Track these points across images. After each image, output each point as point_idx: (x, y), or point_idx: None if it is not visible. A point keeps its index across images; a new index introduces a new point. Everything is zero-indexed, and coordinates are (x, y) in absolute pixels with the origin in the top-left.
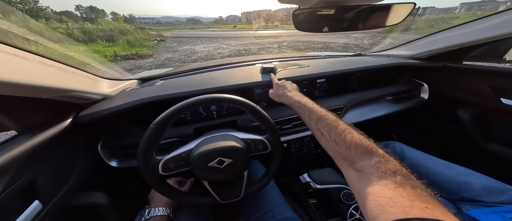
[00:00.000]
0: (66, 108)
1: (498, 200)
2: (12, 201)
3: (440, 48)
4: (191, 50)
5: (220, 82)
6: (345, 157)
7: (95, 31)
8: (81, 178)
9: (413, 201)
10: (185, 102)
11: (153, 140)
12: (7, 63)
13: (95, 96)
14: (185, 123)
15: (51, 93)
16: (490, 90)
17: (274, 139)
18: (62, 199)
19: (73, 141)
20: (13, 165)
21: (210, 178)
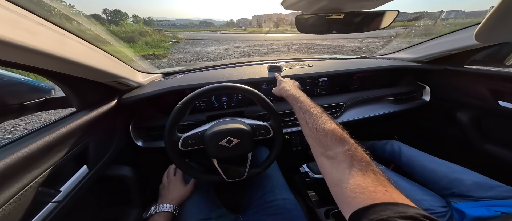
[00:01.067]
0: (112, 92)
1: (486, 195)
2: (69, 164)
3: (441, 51)
4: (203, 51)
5: (232, 76)
6: (321, 143)
7: (119, 33)
8: (115, 152)
9: (376, 186)
10: (204, 88)
11: (177, 117)
12: (86, 53)
13: (133, 84)
14: (199, 111)
15: (108, 78)
16: (489, 93)
17: (276, 125)
18: (101, 167)
19: (114, 120)
20: (73, 135)
21: (220, 156)
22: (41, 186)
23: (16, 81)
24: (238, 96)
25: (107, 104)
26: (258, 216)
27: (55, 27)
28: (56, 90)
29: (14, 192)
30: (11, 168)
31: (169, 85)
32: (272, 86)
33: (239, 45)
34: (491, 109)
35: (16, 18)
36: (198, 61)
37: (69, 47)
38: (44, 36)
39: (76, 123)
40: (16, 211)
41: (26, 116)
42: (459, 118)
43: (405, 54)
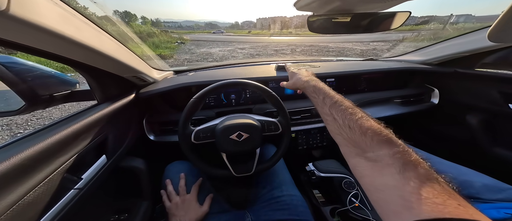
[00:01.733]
0: (130, 86)
1: (496, 197)
2: (90, 153)
3: (451, 54)
4: (207, 52)
5: (241, 75)
6: (357, 144)
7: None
8: (130, 144)
9: (445, 199)
10: (218, 83)
11: (192, 110)
12: (116, 49)
13: (150, 79)
14: (209, 108)
15: (130, 72)
16: (499, 96)
17: (285, 122)
18: (118, 158)
19: (131, 113)
20: (96, 125)
21: (229, 150)
22: (66, 172)
23: (48, 74)
24: (246, 94)
25: (126, 97)
26: (265, 211)
27: (94, 25)
28: (80, 83)
29: (43, 176)
30: (44, 152)
31: (182, 82)
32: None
33: (243, 47)
34: (501, 112)
35: (68, 16)
36: (203, 61)
37: (104, 43)
38: (88, 32)
39: (98, 114)
40: (44, 195)
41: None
42: (468, 121)
43: (413, 57)
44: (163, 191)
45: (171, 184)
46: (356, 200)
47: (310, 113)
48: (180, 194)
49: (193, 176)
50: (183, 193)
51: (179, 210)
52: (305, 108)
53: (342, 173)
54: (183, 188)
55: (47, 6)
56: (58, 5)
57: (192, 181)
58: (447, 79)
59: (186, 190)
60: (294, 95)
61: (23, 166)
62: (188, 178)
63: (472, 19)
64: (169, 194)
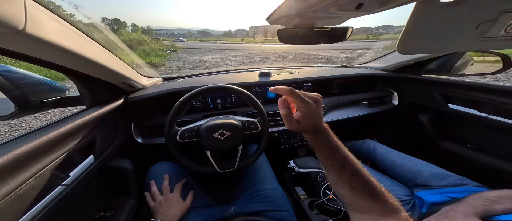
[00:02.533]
0: (119, 92)
1: (441, 184)
2: (78, 153)
3: (401, 61)
4: (200, 60)
5: (227, 81)
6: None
7: None
8: (118, 146)
9: None
10: (201, 88)
11: (177, 112)
12: (107, 58)
13: (138, 85)
14: (196, 111)
15: (119, 79)
16: (441, 97)
17: (263, 121)
18: (105, 158)
19: (119, 118)
20: (84, 127)
21: (213, 147)
22: (55, 169)
23: (38, 81)
24: (231, 98)
25: (114, 102)
26: (248, 203)
27: (87, 37)
28: (70, 90)
29: (34, 171)
30: (35, 150)
31: (168, 88)
32: (263, 89)
33: (235, 55)
34: (444, 111)
35: (67, 31)
36: (195, 69)
37: (97, 53)
38: (83, 44)
39: (87, 118)
40: (34, 189)
41: None
42: (420, 119)
43: (377, 63)
44: (147, 192)
45: (155, 185)
46: (330, 192)
47: None
48: (163, 193)
49: (177, 176)
50: (167, 192)
51: (162, 207)
52: None
53: (317, 168)
54: (167, 187)
55: (51, 23)
56: (58, 21)
57: (176, 180)
58: (402, 84)
59: (170, 189)
60: (275, 98)
61: (16, 161)
62: (172, 178)
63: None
64: (153, 194)
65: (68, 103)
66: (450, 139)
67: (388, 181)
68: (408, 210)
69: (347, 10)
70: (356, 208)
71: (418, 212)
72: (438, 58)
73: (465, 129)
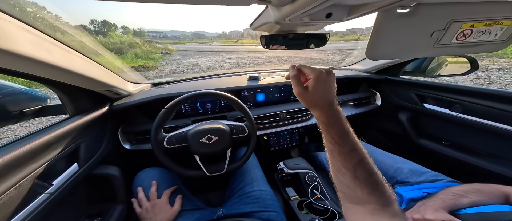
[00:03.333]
0: (104, 99)
1: (419, 180)
2: (61, 161)
3: (381, 64)
4: (194, 63)
5: (216, 85)
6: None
7: (107, 44)
8: (104, 153)
9: None
10: (187, 95)
11: (163, 119)
12: (86, 66)
13: (124, 92)
14: (186, 117)
15: (102, 87)
16: (417, 98)
17: (250, 125)
18: (90, 166)
19: (105, 125)
20: (67, 136)
21: (201, 151)
22: (37, 178)
23: (17, 91)
24: (221, 102)
25: (98, 110)
26: (237, 205)
27: (63, 45)
28: (51, 98)
29: (15, 181)
30: (15, 160)
31: (156, 94)
32: (252, 93)
33: (230, 57)
34: (420, 111)
35: (39, 40)
36: (189, 72)
37: (74, 62)
38: (57, 53)
39: (70, 127)
40: (16, 198)
41: None
42: (400, 118)
43: (360, 66)
44: (134, 199)
45: (142, 191)
46: (317, 191)
47: (278, 117)
48: (150, 200)
49: (166, 181)
50: (154, 198)
51: (149, 214)
52: (274, 113)
53: (306, 168)
54: (154, 193)
55: (19, 34)
56: (28, 31)
57: (164, 186)
58: (383, 85)
59: (158, 195)
60: (264, 102)
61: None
62: (160, 184)
63: None
64: (139, 200)
65: (50, 112)
66: (427, 137)
67: None
68: None
69: (318, 19)
70: (351, 198)
71: None
72: (414, 60)
73: (439, 127)
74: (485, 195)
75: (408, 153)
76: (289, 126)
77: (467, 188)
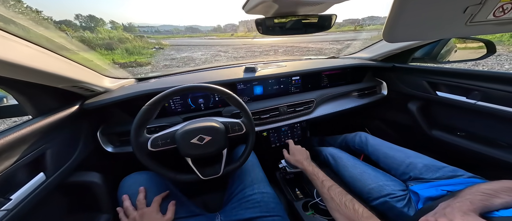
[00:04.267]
0: (74, 97)
1: (435, 176)
2: (21, 171)
3: (388, 51)
4: (189, 57)
5: (208, 79)
6: (351, 218)
7: (95, 39)
8: (80, 158)
9: None
10: (171, 90)
11: (144, 119)
12: (36, 57)
13: (99, 89)
14: (176, 114)
15: (66, 83)
16: (429, 85)
17: (248, 121)
18: (62, 174)
19: (78, 126)
20: (26, 141)
21: (193, 153)
22: None
23: None
24: (215, 97)
25: (66, 109)
26: (236, 211)
27: (14, 36)
28: (8, 98)
29: None
30: None
31: (138, 90)
32: (248, 85)
33: (226, 50)
34: (432, 99)
35: None
36: (184, 67)
37: (26, 54)
38: (4, 46)
39: (29, 130)
40: None
41: None
42: (410, 108)
43: (365, 54)
44: (120, 208)
45: (129, 199)
46: None
47: (278, 111)
48: (138, 208)
49: (157, 186)
50: (142, 206)
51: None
52: (273, 107)
53: None
54: (142, 201)
55: None
56: None
57: (155, 192)
58: (390, 73)
59: (147, 203)
60: (262, 95)
61: None
62: (150, 190)
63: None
64: (125, 210)
65: (7, 113)
66: (440, 128)
67: (382, 175)
68: (403, 206)
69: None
70: (341, 218)
71: (414, 208)
72: (424, 46)
73: (454, 117)
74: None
75: (419, 145)
76: (290, 121)
77: (497, 186)
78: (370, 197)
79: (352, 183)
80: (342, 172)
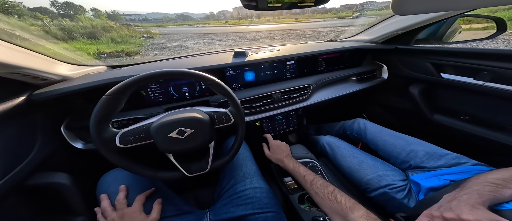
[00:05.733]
0: (19, 87)
1: (437, 164)
2: None
3: (390, 32)
4: (181, 46)
5: (191, 65)
6: (337, 211)
7: (75, 28)
8: (41, 157)
9: None
10: (139, 76)
11: (105, 111)
12: None
13: (52, 76)
14: (156, 104)
15: (5, 69)
16: (433, 67)
17: (236, 111)
18: (16, 177)
19: (29, 121)
20: None
21: (173, 149)
22: None
23: None
24: (201, 85)
25: (9, 102)
26: (226, 208)
27: None
28: None
29: None
30: None
31: (106, 78)
32: (238, 71)
33: (220, 38)
34: (436, 82)
35: None
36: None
37: None
38: None
39: None
40: None
41: None
42: (411, 92)
43: (364, 36)
44: (98, 208)
45: (108, 199)
46: None
47: (272, 98)
48: (118, 209)
49: (140, 184)
50: (122, 207)
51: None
52: (266, 94)
53: (307, 157)
54: (121, 201)
55: None
56: None
57: (138, 191)
58: (391, 55)
59: (128, 203)
60: (254, 81)
61: None
62: (132, 188)
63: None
64: (103, 211)
65: None
66: (442, 112)
67: (381, 165)
68: (403, 197)
69: None
70: (328, 212)
71: (415, 199)
72: (428, 27)
73: (458, 100)
74: None
75: (420, 131)
76: (285, 108)
77: (506, 175)
78: (369, 188)
79: (349, 174)
80: (339, 162)
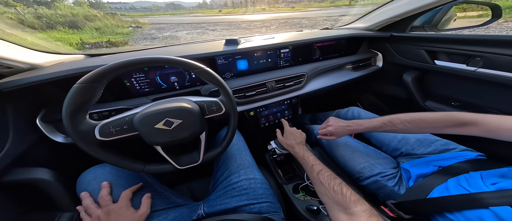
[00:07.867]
0: None
1: (427, 151)
2: None
3: (386, 19)
4: (172, 36)
5: (178, 53)
6: (339, 202)
7: (54, 16)
8: (16, 152)
9: None
10: (116, 63)
11: (78, 101)
12: None
13: (17, 64)
14: (142, 95)
15: None
16: (427, 54)
17: (227, 100)
18: None
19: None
20: None
21: (161, 141)
22: None
23: None
24: (191, 74)
25: None
26: (221, 200)
27: None
28: None
29: None
30: None
31: (80, 66)
32: (230, 60)
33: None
34: (429, 69)
35: None
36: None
37: None
38: None
39: None
40: None
41: None
42: (405, 80)
43: (360, 23)
44: (80, 206)
45: (90, 197)
46: None
47: (266, 87)
48: (102, 206)
49: (125, 180)
50: (107, 203)
51: None
52: (259, 83)
53: None
54: (105, 198)
55: None
56: None
57: (124, 186)
58: (386, 43)
59: (114, 199)
60: (247, 70)
61: None
62: (117, 184)
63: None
64: (86, 209)
65: None
66: (434, 99)
67: (373, 152)
68: (394, 184)
69: None
70: (329, 202)
71: (405, 186)
72: (423, 13)
73: (451, 86)
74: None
75: None
76: (280, 97)
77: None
78: (361, 177)
79: (343, 163)
80: (333, 152)
